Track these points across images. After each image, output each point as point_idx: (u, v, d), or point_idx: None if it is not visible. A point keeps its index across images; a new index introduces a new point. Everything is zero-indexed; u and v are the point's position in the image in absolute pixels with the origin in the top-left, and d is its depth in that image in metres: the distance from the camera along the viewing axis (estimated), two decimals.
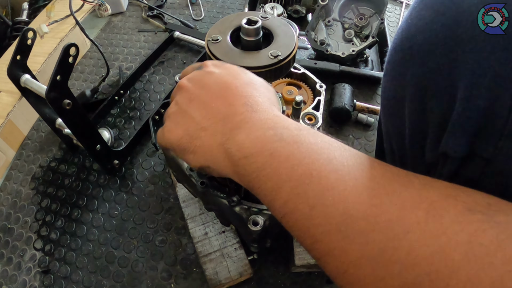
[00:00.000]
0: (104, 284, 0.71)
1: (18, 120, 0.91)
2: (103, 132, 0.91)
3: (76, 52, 0.62)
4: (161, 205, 0.81)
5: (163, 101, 0.96)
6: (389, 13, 1.29)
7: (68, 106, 0.65)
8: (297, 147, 0.30)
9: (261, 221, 0.46)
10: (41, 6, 1.22)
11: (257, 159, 0.31)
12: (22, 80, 0.71)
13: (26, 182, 0.86)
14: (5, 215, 0.81)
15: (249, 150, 0.32)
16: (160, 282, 0.71)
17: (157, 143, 0.45)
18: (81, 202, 0.82)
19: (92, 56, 1.16)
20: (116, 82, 1.06)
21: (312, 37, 1.00)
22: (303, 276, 0.71)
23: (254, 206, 0.47)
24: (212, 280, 0.64)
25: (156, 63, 1.12)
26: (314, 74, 0.61)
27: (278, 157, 0.30)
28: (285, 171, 0.30)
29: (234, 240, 0.68)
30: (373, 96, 1.02)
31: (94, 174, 0.87)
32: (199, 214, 0.71)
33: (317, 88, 0.62)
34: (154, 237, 0.76)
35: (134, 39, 1.21)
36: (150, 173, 0.86)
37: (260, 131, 0.32)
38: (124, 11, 1.31)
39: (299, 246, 0.66)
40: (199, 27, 1.24)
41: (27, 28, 0.69)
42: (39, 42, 1.01)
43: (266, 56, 0.50)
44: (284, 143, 0.31)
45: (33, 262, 0.74)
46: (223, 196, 0.49)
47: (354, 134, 0.94)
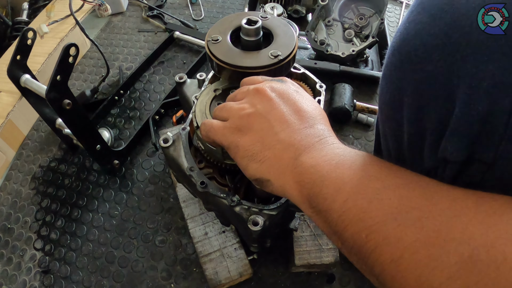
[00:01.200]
0: (104, 284, 0.71)
1: (18, 120, 0.91)
2: (103, 132, 0.91)
3: (76, 52, 0.62)
4: (161, 205, 0.81)
5: (163, 101, 0.96)
6: (389, 13, 1.29)
7: (68, 106, 0.65)
8: (357, 157, 0.34)
9: (261, 221, 0.46)
10: (41, 6, 1.22)
11: (324, 168, 0.33)
12: (22, 80, 0.71)
13: (26, 182, 0.86)
14: (5, 215, 0.81)
15: (317, 161, 0.34)
16: (160, 282, 0.71)
17: (201, 133, 0.43)
18: (81, 202, 0.82)
19: (92, 56, 1.16)
20: (116, 82, 1.06)
21: (312, 37, 1.00)
22: (303, 276, 0.71)
23: (254, 206, 0.47)
24: (212, 280, 0.64)
25: (156, 63, 1.12)
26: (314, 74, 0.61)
27: (342, 166, 0.33)
28: (348, 174, 0.32)
29: (234, 240, 0.68)
30: (373, 96, 1.02)
31: (94, 174, 0.87)
32: (199, 214, 0.71)
33: (317, 88, 0.62)
34: (154, 237, 0.76)
35: (134, 39, 1.21)
36: (150, 173, 0.86)
37: (330, 150, 0.35)
38: (124, 11, 1.31)
39: (299, 246, 0.66)
40: (199, 27, 1.24)
41: (27, 28, 0.69)
42: (39, 42, 1.01)
43: (267, 56, 0.50)
44: (348, 155, 0.34)
45: (33, 262, 0.74)
46: (223, 196, 0.49)
47: (354, 134, 0.94)
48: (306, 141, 0.36)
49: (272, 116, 0.38)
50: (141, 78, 1.08)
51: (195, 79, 0.67)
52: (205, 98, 0.54)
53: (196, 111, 0.53)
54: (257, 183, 0.39)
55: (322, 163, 0.34)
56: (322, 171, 0.33)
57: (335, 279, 0.71)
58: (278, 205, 0.48)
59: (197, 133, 0.52)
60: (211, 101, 0.54)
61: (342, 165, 0.33)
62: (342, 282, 0.71)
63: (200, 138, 0.51)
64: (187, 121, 0.57)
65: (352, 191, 0.31)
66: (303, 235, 0.67)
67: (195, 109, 0.53)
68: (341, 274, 0.71)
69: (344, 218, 0.30)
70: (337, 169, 0.33)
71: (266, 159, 0.37)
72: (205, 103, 0.53)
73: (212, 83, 0.57)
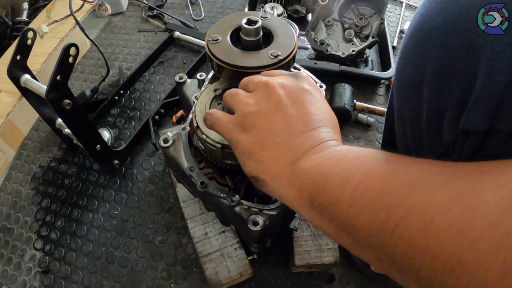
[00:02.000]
0: (104, 284, 0.71)
1: (18, 120, 0.91)
2: (103, 132, 0.91)
3: (76, 52, 0.62)
4: (161, 205, 0.81)
5: (163, 101, 0.96)
6: (389, 13, 1.29)
7: (68, 106, 0.65)
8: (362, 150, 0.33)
9: (261, 221, 0.46)
10: (41, 6, 1.22)
11: (325, 165, 0.33)
12: (22, 80, 0.71)
13: (26, 182, 0.86)
14: (5, 215, 0.81)
15: (317, 162, 0.33)
16: (160, 282, 0.71)
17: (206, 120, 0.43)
18: (81, 202, 0.82)
19: (92, 56, 1.16)
20: (116, 82, 1.06)
21: (312, 37, 1.00)
22: (303, 276, 0.71)
23: (254, 206, 0.47)
24: (212, 280, 0.64)
25: (156, 63, 1.12)
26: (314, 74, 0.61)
27: (346, 159, 0.32)
28: (354, 164, 0.31)
29: (234, 240, 0.68)
30: (373, 96, 1.02)
31: (94, 174, 0.87)
32: (199, 214, 0.71)
33: None
34: (154, 237, 0.76)
35: (134, 39, 1.21)
36: (150, 173, 0.86)
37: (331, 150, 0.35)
38: (124, 11, 1.31)
39: (299, 246, 0.66)
40: (199, 27, 1.24)
41: (27, 28, 0.69)
42: (39, 42, 1.01)
43: (266, 56, 0.50)
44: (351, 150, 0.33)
45: (33, 262, 0.74)
46: (223, 196, 0.49)
47: (354, 134, 0.94)
48: (307, 145, 0.35)
49: (275, 117, 0.37)
50: (141, 78, 1.08)
51: (195, 79, 0.67)
52: (205, 98, 0.54)
53: (196, 111, 0.53)
54: (254, 181, 0.39)
55: (323, 162, 0.33)
56: (324, 168, 0.32)
57: (335, 279, 0.71)
58: (278, 205, 0.48)
59: (197, 133, 0.52)
60: (211, 101, 0.54)
61: (346, 158, 0.32)
62: (342, 282, 0.71)
63: (200, 138, 0.51)
64: (187, 121, 0.57)
65: (362, 177, 0.29)
66: (303, 235, 0.67)
67: (195, 109, 0.53)
68: (341, 274, 0.71)
69: (357, 205, 0.29)
70: (340, 163, 0.32)
71: (263, 159, 0.36)
72: (205, 103, 0.53)
73: (212, 83, 0.57)
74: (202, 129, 0.49)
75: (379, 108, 0.94)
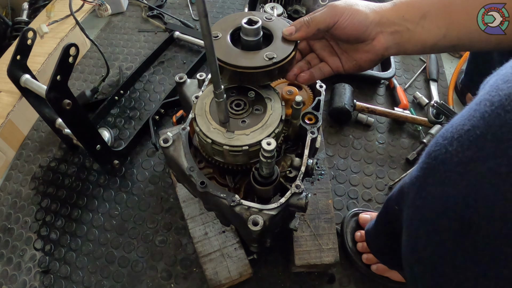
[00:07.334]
0: (104, 284, 0.71)
1: (18, 120, 0.91)
2: (103, 132, 0.91)
3: (76, 52, 0.62)
4: (161, 205, 0.81)
5: (163, 101, 0.96)
6: None
7: (68, 106, 0.65)
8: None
9: (261, 221, 0.46)
10: (41, 6, 1.22)
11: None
12: (22, 80, 0.71)
13: (26, 182, 0.87)
14: (5, 215, 0.81)
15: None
16: (160, 282, 0.71)
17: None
18: (81, 202, 0.82)
19: (92, 56, 1.16)
20: (116, 82, 1.06)
21: None
22: (303, 276, 0.71)
23: (254, 206, 0.47)
24: (212, 280, 0.64)
25: (156, 63, 1.12)
26: None
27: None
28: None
29: (234, 240, 0.68)
30: (373, 96, 1.02)
31: (94, 174, 0.87)
32: (199, 214, 0.71)
33: (317, 88, 0.62)
34: (154, 237, 0.76)
35: (134, 39, 1.21)
36: (150, 173, 0.86)
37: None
38: (124, 11, 1.31)
39: (299, 246, 0.66)
40: (199, 27, 1.24)
41: (27, 28, 0.69)
42: (39, 42, 1.01)
43: (262, 58, 0.50)
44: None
45: (33, 262, 0.74)
46: (223, 196, 0.49)
47: (354, 134, 0.94)
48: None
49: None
50: (141, 78, 1.08)
51: (195, 79, 0.67)
52: (205, 98, 0.54)
53: (196, 111, 0.52)
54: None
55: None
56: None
57: (335, 279, 0.71)
58: (278, 205, 0.48)
59: (197, 133, 0.52)
60: (211, 101, 0.54)
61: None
62: (342, 282, 0.71)
63: (200, 137, 0.51)
64: (187, 121, 0.57)
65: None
66: (303, 235, 0.67)
67: (195, 109, 0.53)
68: (341, 274, 0.71)
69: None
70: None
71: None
72: (205, 103, 0.53)
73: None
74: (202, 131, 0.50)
75: (379, 108, 0.94)
